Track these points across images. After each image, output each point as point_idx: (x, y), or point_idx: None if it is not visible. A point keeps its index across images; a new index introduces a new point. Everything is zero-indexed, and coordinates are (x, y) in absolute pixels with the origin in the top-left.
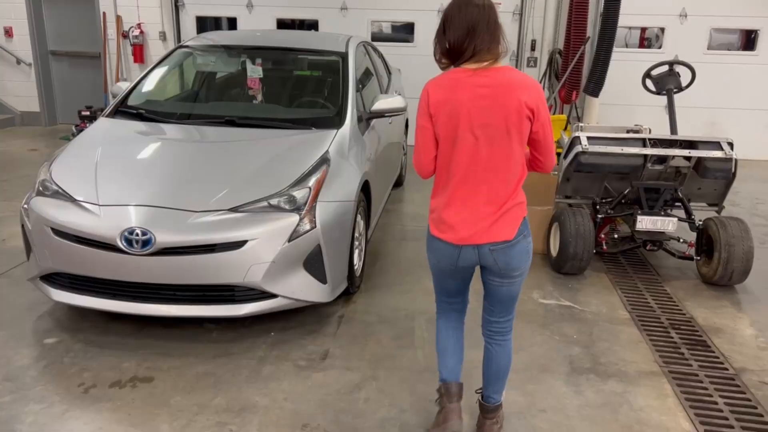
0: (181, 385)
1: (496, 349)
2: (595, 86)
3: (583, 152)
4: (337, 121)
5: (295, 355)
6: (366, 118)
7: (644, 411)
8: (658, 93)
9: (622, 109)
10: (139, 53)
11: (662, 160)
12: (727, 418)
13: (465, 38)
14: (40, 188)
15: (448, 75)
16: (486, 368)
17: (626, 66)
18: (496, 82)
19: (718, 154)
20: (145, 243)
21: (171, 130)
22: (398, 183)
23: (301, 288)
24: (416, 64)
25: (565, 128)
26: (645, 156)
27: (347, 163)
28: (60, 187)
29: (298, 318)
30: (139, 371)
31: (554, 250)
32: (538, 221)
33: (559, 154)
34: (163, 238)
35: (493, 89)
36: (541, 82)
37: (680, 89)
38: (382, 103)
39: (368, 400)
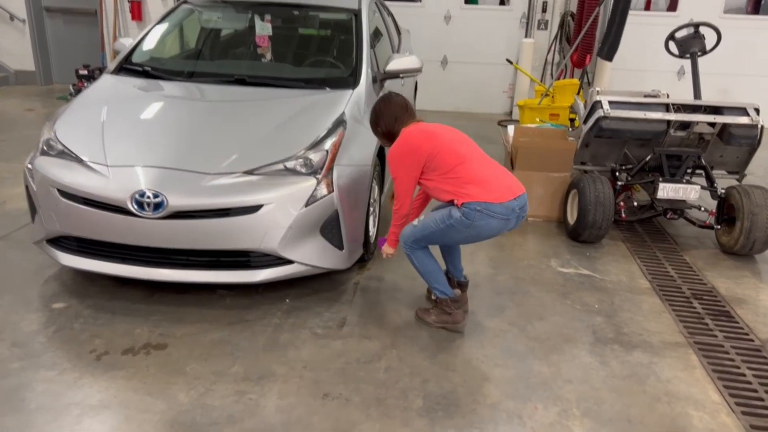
0: (196, 353)
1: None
2: (609, 50)
3: (605, 117)
4: (351, 82)
5: (312, 322)
6: (380, 79)
7: (672, 382)
8: (681, 56)
9: (633, 74)
10: (136, 10)
11: (685, 126)
12: (756, 390)
13: (394, 124)
14: (45, 147)
15: (406, 137)
16: (451, 262)
17: (637, 30)
18: (433, 124)
19: (744, 120)
20: (157, 206)
21: (179, 88)
22: None
23: (318, 254)
24: (424, 24)
25: (578, 93)
26: (668, 122)
27: (362, 125)
28: (66, 147)
29: (313, 285)
30: (152, 338)
31: (571, 218)
32: (555, 188)
33: (572, 120)
34: (176, 201)
35: (438, 126)
36: (551, 46)
37: (704, 52)
38: (396, 63)
39: (389, 369)
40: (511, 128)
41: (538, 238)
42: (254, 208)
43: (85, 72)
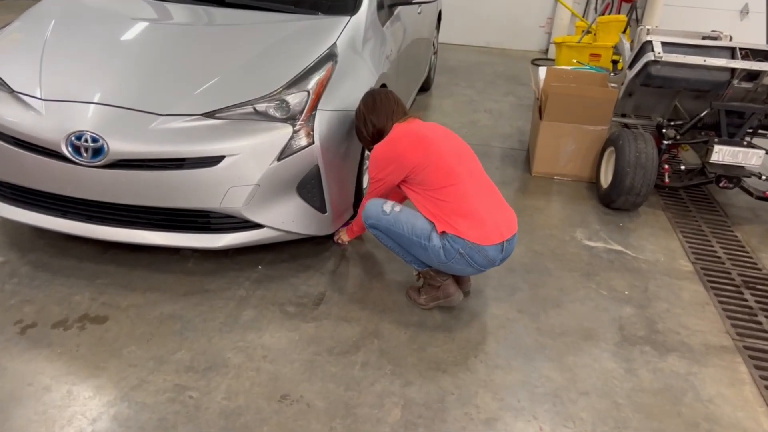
0: (139, 330)
1: None
2: None
3: (656, 61)
4: (350, 6)
5: (284, 297)
6: (388, 5)
7: (714, 402)
8: None
9: (688, 11)
10: None
11: (753, 76)
12: None
13: (386, 121)
14: None
15: (394, 140)
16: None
17: None
18: (429, 126)
19: None
20: (96, 152)
21: (144, 7)
22: (424, 87)
23: (294, 218)
24: None
25: (625, 31)
26: (732, 70)
27: (361, 60)
28: None
29: (292, 249)
30: (92, 308)
31: (605, 180)
32: (588, 143)
33: (615, 62)
34: (118, 146)
35: (434, 130)
36: None
37: None
38: None
39: (366, 365)
40: (542, 70)
41: (564, 202)
42: (214, 160)
43: None
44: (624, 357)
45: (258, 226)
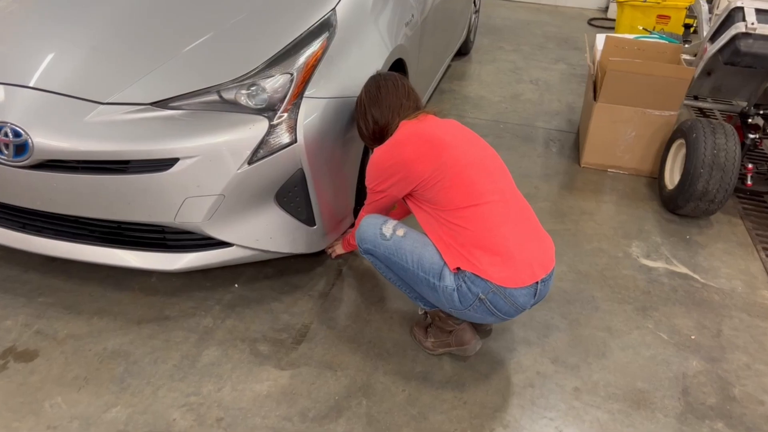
0: (72, 374)
1: None
2: None
3: (747, 34)
4: None
5: (258, 329)
6: None
7: None
8: None
9: None
10: None
11: None
12: None
13: (389, 115)
14: None
15: (399, 144)
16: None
17: None
18: (445, 125)
19: None
20: (20, 149)
21: None
22: (463, 51)
23: (272, 233)
24: None
25: None
26: None
27: (372, 27)
28: None
29: (278, 262)
30: (23, 338)
31: (670, 180)
32: (652, 131)
33: (687, 26)
34: (44, 143)
35: (452, 131)
36: None
37: None
38: None
39: None
40: (600, 38)
41: (618, 204)
42: (165, 163)
43: None
44: None
45: (226, 243)
